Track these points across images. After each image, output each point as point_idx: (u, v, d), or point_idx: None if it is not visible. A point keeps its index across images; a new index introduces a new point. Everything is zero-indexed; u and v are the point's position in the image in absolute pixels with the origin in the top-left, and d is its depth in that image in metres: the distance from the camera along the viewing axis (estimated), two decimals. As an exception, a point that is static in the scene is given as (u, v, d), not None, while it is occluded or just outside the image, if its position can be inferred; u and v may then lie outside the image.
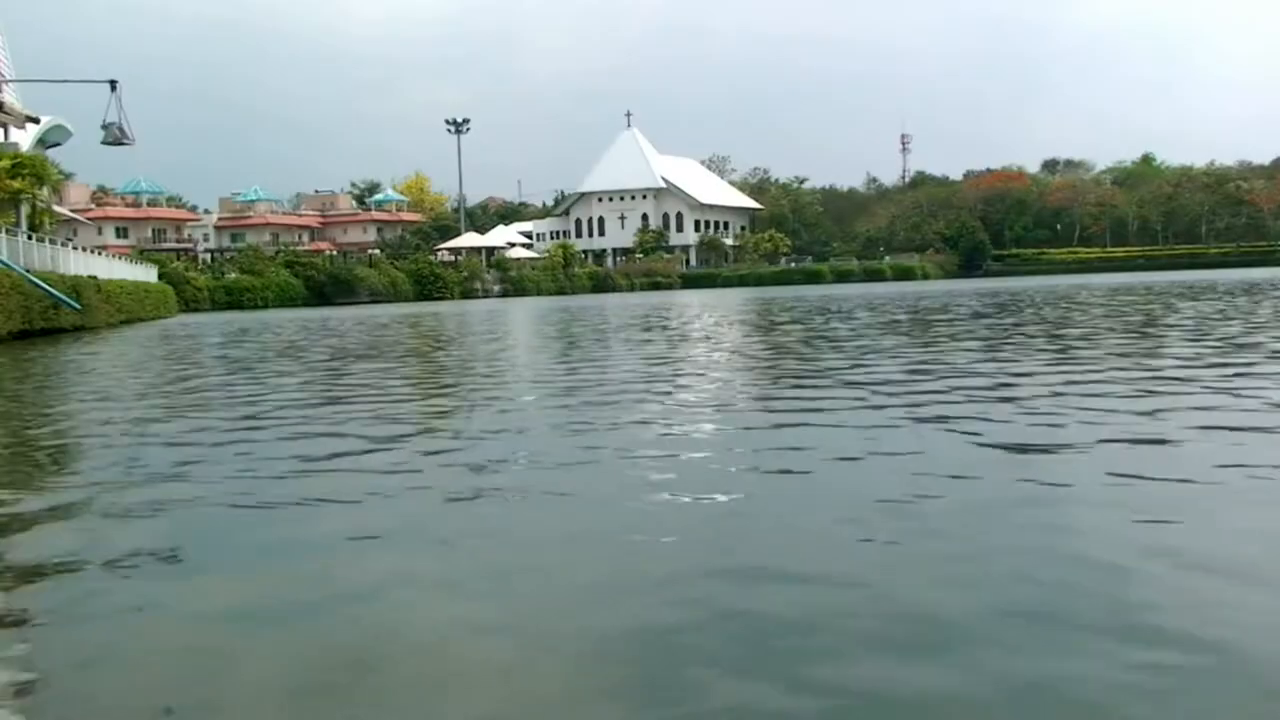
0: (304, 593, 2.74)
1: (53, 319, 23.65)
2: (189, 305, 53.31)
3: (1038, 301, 22.37)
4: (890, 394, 6.46)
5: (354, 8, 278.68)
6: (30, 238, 26.73)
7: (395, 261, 77.57)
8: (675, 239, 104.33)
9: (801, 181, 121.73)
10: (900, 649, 2.18)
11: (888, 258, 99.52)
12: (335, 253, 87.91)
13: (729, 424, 5.55)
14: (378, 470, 4.43)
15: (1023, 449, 4.45)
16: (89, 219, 74.25)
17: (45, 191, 33.94)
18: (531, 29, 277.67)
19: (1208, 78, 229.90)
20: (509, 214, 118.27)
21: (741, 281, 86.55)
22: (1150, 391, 6.19)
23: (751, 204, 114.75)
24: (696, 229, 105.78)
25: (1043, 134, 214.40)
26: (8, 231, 24.81)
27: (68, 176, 72.49)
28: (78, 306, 24.94)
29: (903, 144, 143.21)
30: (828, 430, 5.09)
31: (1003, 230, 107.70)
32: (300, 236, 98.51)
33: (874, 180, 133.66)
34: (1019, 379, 7.16)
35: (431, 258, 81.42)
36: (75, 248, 33.18)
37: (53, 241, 29.30)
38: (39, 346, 18.31)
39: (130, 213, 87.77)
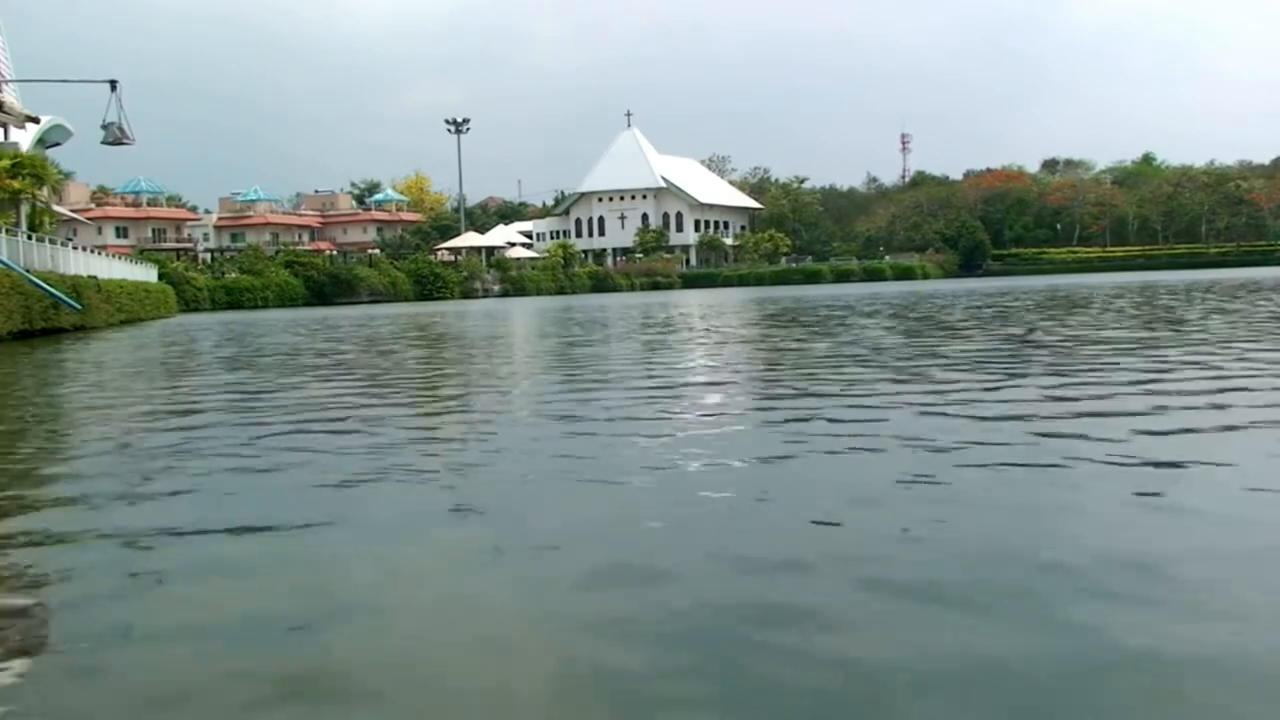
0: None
1: (53, 319, 23.64)
2: (189, 305, 53.30)
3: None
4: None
5: (353, 5, 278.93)
6: (30, 238, 26.70)
7: (395, 261, 77.60)
8: (675, 239, 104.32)
9: (801, 181, 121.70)
10: None
11: (888, 257, 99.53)
12: (335, 252, 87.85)
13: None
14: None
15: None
16: (89, 219, 74.19)
17: (45, 191, 33.91)
18: (532, 26, 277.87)
19: (1208, 76, 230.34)
20: (509, 213, 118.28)
21: (741, 281, 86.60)
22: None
23: (751, 204, 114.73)
24: (696, 229, 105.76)
25: (1043, 133, 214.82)
26: (8, 231, 24.78)
27: (68, 176, 72.42)
28: (78, 306, 24.92)
29: (903, 144, 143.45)
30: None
31: (1002, 230, 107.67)
32: (300, 236, 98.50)
33: (874, 180, 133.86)
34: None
35: (431, 257, 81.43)
36: (75, 247, 33.14)
37: (53, 241, 29.27)
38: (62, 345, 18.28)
39: (130, 212, 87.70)
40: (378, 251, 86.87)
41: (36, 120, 38.79)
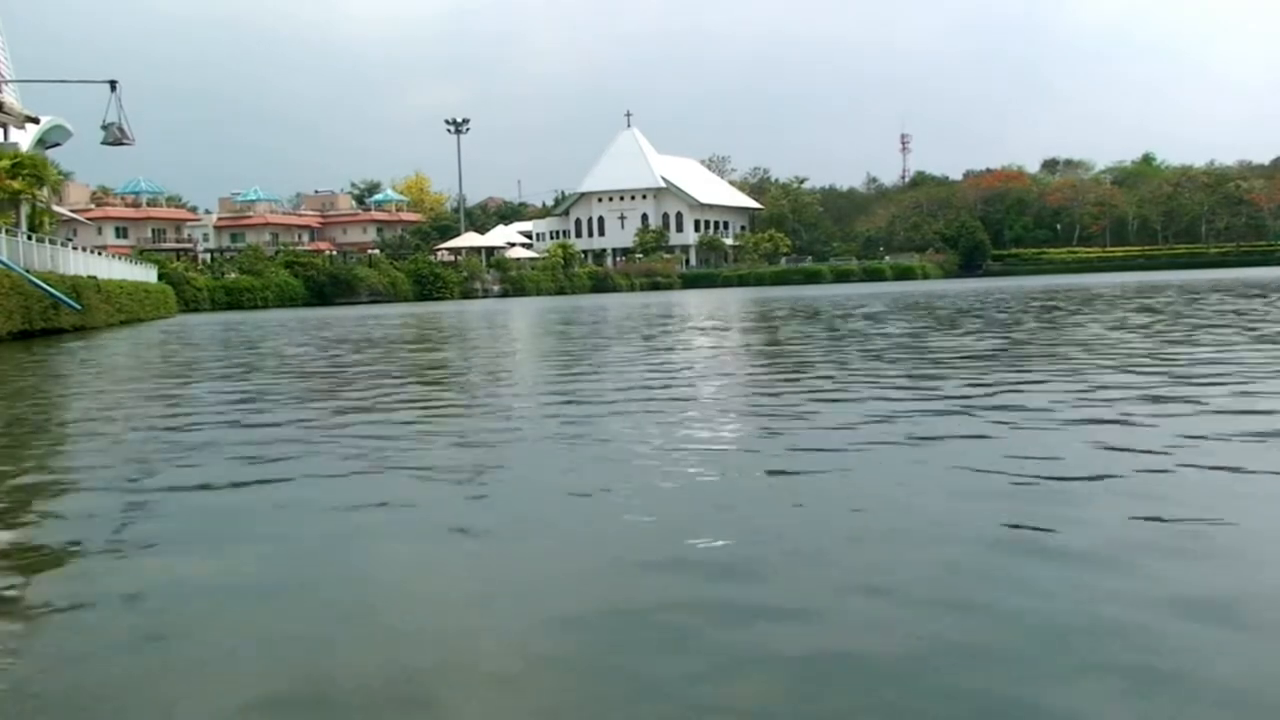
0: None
1: (53, 319, 23.61)
2: (189, 305, 53.26)
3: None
4: None
5: (354, 7, 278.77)
6: (30, 238, 26.67)
7: (395, 261, 77.55)
8: (675, 239, 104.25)
9: (801, 181, 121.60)
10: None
11: (888, 258, 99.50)
12: (335, 253, 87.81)
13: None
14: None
15: None
16: (89, 219, 74.12)
17: (45, 192, 33.85)
18: (531, 28, 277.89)
19: (1208, 77, 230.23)
20: (509, 214, 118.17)
21: (741, 281, 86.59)
22: None
23: (751, 204, 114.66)
24: (696, 229, 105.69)
25: (1043, 134, 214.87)
26: (8, 232, 24.75)
27: (67, 176, 72.35)
28: (78, 307, 24.89)
29: (902, 144, 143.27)
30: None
31: (1002, 230, 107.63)
32: (300, 236, 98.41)
33: (874, 180, 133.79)
34: None
35: (431, 258, 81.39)
36: (75, 248, 33.09)
37: (52, 242, 29.23)
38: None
39: (130, 213, 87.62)
40: (377, 252, 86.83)
41: (36, 120, 38.74)
